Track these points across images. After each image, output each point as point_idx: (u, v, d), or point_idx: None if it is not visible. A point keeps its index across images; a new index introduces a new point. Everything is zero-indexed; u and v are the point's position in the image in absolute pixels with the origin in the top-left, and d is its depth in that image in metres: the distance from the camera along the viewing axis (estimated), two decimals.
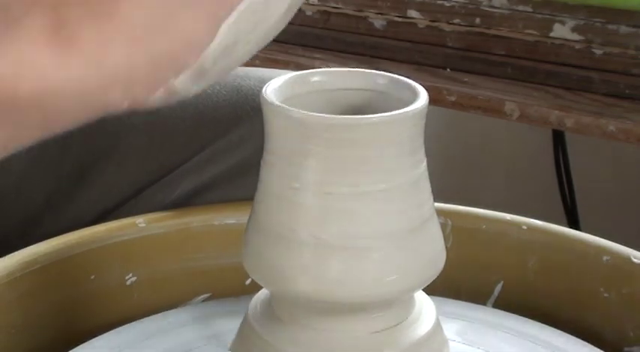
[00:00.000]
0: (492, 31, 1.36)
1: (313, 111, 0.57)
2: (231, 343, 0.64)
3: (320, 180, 0.57)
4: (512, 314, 0.79)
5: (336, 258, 0.57)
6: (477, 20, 1.37)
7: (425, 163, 0.60)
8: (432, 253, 0.60)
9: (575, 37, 1.31)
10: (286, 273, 0.58)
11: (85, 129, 0.94)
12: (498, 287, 0.85)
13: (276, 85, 0.59)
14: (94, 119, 0.96)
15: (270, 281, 0.59)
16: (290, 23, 0.58)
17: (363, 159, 0.56)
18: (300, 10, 0.62)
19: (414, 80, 0.62)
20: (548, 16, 1.33)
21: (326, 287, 0.57)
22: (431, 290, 0.63)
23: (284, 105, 0.57)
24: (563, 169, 1.69)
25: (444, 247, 0.61)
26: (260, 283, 0.60)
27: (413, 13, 1.40)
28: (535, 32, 1.34)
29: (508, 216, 0.85)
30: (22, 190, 0.91)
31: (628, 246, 0.81)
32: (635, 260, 0.79)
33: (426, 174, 0.60)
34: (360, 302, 0.58)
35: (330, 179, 0.57)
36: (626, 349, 0.79)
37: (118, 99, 0.48)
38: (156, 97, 0.51)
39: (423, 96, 0.59)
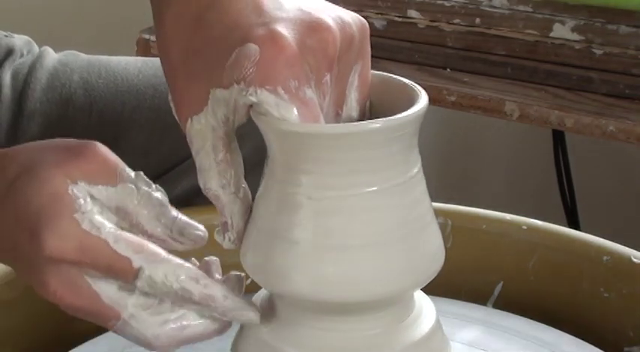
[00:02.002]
0: (492, 31, 1.36)
1: None
2: (232, 342, 0.64)
3: (316, 183, 0.57)
4: (512, 314, 0.79)
5: (334, 258, 0.57)
6: (477, 20, 1.37)
7: (419, 163, 0.60)
8: (429, 252, 0.60)
9: (575, 37, 1.31)
10: (285, 274, 0.58)
11: (86, 126, 0.94)
12: (498, 288, 0.85)
13: None
14: (94, 116, 0.96)
15: (270, 281, 0.59)
16: None
17: (356, 162, 0.56)
18: None
19: (413, 80, 0.62)
20: (548, 16, 1.33)
21: (324, 288, 0.58)
22: (431, 290, 0.63)
23: (276, 118, 0.57)
24: (563, 169, 1.69)
25: (442, 246, 0.61)
26: (260, 283, 0.60)
27: (413, 13, 1.40)
28: (535, 32, 1.34)
29: (508, 216, 0.85)
30: None
31: (628, 246, 0.81)
32: (635, 260, 0.79)
33: (421, 173, 0.60)
34: (358, 302, 0.58)
35: (326, 182, 0.57)
36: (626, 349, 0.79)
37: None
38: None
39: (420, 102, 0.58)
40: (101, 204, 0.60)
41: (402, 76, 0.63)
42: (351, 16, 0.60)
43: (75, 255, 0.58)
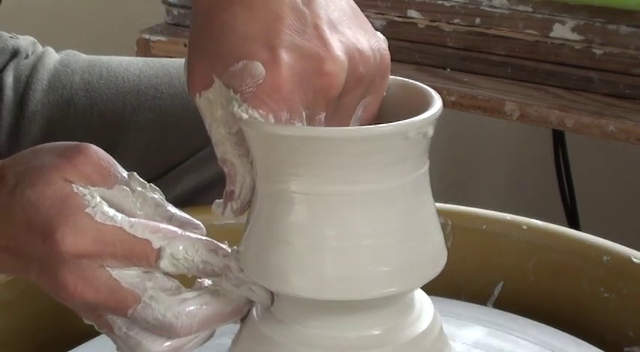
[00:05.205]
0: (492, 31, 1.36)
1: None
2: (233, 340, 0.64)
3: (317, 181, 0.57)
4: (512, 314, 0.79)
5: (334, 258, 0.57)
6: (477, 20, 1.37)
7: (427, 165, 0.60)
8: (431, 254, 0.60)
9: (575, 37, 1.31)
10: (285, 273, 0.58)
11: (87, 127, 0.95)
12: (498, 288, 0.85)
13: None
14: (95, 117, 0.96)
15: (269, 281, 0.59)
16: None
17: (360, 162, 0.56)
18: None
19: (413, 80, 0.62)
20: (548, 16, 1.33)
21: (324, 287, 0.57)
22: (431, 290, 0.63)
23: (270, 123, 0.57)
24: (563, 169, 1.69)
25: (444, 248, 0.61)
26: (259, 283, 0.60)
27: (413, 13, 1.40)
28: (535, 32, 1.34)
29: (508, 217, 0.85)
30: None
31: (628, 246, 0.81)
32: (635, 260, 0.79)
33: (427, 175, 0.60)
34: (358, 302, 0.58)
35: (327, 181, 0.57)
36: (626, 349, 0.79)
37: None
38: None
39: (434, 107, 0.58)
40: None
41: (401, 76, 0.63)
42: (371, 48, 0.60)
43: (94, 247, 0.59)
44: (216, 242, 0.61)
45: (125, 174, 0.63)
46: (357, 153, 0.56)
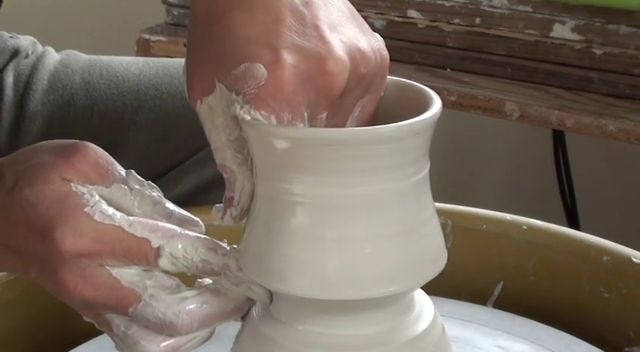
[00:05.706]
0: (492, 31, 1.36)
1: None
2: (234, 340, 0.64)
3: (318, 182, 0.57)
4: (512, 314, 0.79)
5: (334, 258, 0.57)
6: (477, 20, 1.37)
7: (428, 166, 0.60)
8: (431, 254, 0.60)
9: (575, 37, 1.31)
10: (285, 273, 0.58)
11: (87, 127, 0.95)
12: (498, 288, 0.85)
13: None
14: (95, 117, 0.96)
15: (269, 280, 0.59)
16: None
17: (361, 162, 0.56)
18: None
19: (413, 80, 0.62)
20: (548, 16, 1.33)
21: (324, 287, 0.58)
22: (431, 290, 0.63)
23: (272, 124, 0.57)
24: (563, 169, 1.69)
25: (444, 249, 0.61)
26: (260, 283, 0.60)
27: (413, 13, 1.40)
28: (535, 32, 1.34)
29: (508, 217, 0.85)
30: None
31: (628, 246, 0.81)
32: (635, 260, 0.79)
33: (427, 176, 0.60)
34: (357, 302, 0.58)
35: (328, 181, 0.57)
36: (626, 349, 0.79)
37: None
38: None
39: (433, 108, 0.58)
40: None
41: (401, 76, 0.63)
42: (372, 48, 0.60)
43: (93, 246, 0.59)
44: (215, 240, 0.61)
45: (123, 172, 0.63)
46: (359, 154, 0.56)
